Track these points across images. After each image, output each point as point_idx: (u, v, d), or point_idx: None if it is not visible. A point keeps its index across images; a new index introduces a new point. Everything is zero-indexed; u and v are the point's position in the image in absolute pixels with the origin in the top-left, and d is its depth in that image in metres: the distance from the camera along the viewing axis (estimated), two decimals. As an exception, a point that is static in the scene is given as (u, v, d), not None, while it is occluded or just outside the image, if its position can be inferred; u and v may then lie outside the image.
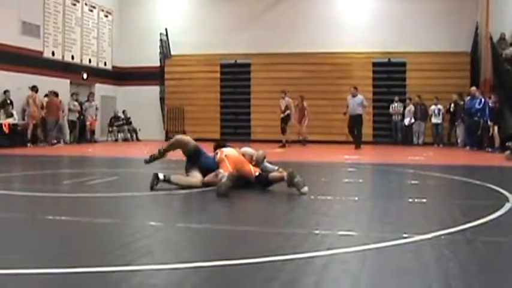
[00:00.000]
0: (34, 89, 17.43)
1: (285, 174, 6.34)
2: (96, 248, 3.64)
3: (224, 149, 7.05)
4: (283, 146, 17.63)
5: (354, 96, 17.23)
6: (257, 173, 6.66)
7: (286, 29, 21.68)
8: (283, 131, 18.11)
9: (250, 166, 6.76)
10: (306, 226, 4.41)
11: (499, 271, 3.17)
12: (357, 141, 17.03)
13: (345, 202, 5.91)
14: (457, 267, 3.13)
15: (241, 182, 6.46)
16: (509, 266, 3.32)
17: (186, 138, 7.11)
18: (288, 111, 18.06)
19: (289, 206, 5.67)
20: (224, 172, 6.30)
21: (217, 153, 6.92)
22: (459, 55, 20.42)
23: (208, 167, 6.74)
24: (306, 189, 6.13)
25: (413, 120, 20.12)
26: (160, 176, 6.37)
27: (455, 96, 19.04)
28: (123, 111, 22.70)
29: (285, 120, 18.07)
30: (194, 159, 6.88)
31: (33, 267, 3.04)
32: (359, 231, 4.20)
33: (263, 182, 6.61)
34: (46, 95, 18.00)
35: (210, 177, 6.62)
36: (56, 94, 18.12)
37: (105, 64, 22.82)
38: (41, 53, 18.89)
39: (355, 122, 17.11)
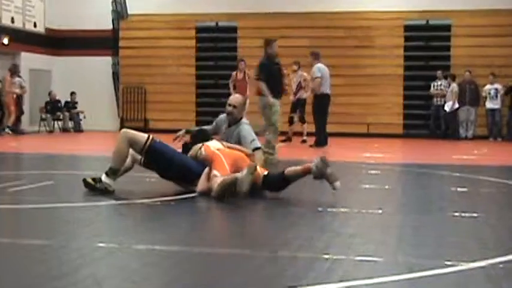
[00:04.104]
0: None
1: (311, 165, 6.44)
2: (24, 279, 3.63)
3: (209, 143, 7.06)
4: (289, 139, 17.41)
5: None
6: (266, 172, 6.67)
7: (285, -21, 21.69)
8: (292, 121, 17.64)
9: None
10: (312, 248, 4.43)
11: None
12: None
13: (365, 216, 5.92)
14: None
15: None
16: None
17: (131, 131, 6.93)
18: (302, 93, 17.47)
19: (288, 221, 5.68)
20: (222, 175, 6.29)
21: (200, 149, 6.89)
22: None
23: (188, 169, 6.73)
24: (338, 184, 6.41)
25: (457, 105, 20.11)
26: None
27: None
28: (71, 94, 22.60)
29: (299, 105, 17.54)
30: (157, 160, 6.83)
31: None
32: (384, 256, 4.23)
33: (274, 184, 6.61)
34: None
35: (202, 183, 6.62)
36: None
37: (34, 25, 22.66)
38: None
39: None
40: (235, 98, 8.25)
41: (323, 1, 21.17)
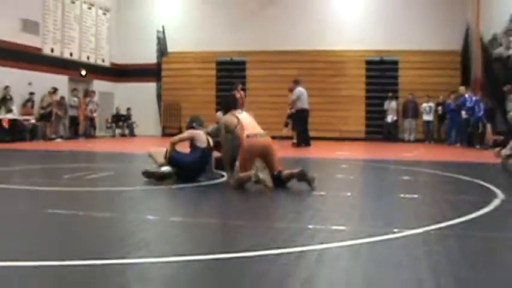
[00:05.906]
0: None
1: (294, 171, 6.19)
2: (94, 241, 3.65)
3: (243, 117, 6.56)
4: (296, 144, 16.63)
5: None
6: (275, 172, 6.27)
7: (281, 27, 21.66)
8: (287, 125, 17.05)
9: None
10: (300, 221, 4.43)
11: (488, 265, 3.20)
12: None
13: (338, 198, 5.92)
14: (447, 262, 3.16)
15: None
16: (497, 261, 3.35)
17: (176, 139, 6.87)
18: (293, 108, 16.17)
19: (283, 201, 5.69)
20: (239, 169, 6.16)
21: (235, 127, 6.44)
22: (450, 54, 20.46)
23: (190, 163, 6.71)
24: (315, 184, 6.11)
25: (395, 118, 20.36)
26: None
27: (442, 97, 19.24)
28: (127, 109, 22.73)
29: (293, 115, 16.34)
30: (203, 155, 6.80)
31: (32, 259, 3.04)
32: (351, 226, 4.22)
33: (279, 181, 6.27)
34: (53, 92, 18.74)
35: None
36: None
37: (103, 61, 22.78)
38: (40, 49, 18.83)
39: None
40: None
41: (310, 41, 21.21)
